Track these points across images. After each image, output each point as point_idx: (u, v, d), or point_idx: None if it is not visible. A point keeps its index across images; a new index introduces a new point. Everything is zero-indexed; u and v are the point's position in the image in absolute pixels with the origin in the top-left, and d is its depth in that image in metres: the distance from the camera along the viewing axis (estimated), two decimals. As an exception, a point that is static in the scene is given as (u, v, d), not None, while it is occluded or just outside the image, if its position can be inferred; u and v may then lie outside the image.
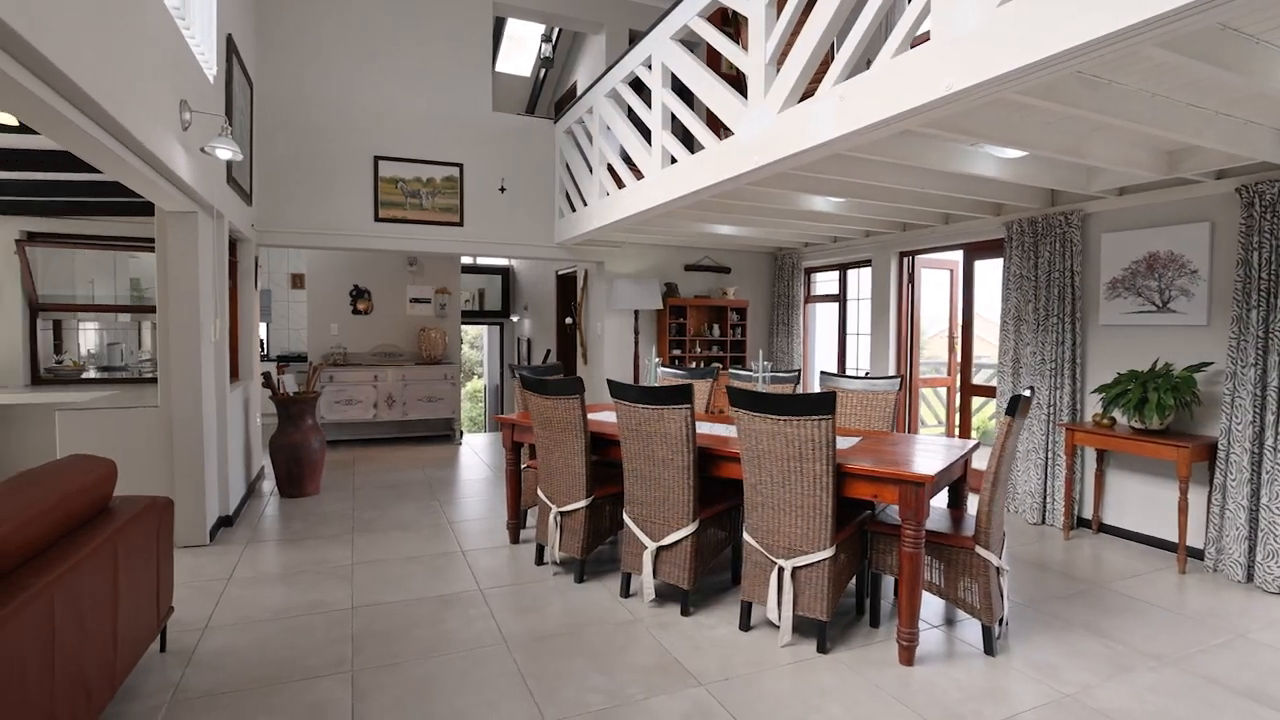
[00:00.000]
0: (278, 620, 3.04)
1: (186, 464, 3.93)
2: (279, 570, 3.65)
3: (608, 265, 6.89)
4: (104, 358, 6.53)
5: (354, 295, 7.56)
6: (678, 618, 3.07)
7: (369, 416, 7.19)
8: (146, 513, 2.42)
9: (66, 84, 2.03)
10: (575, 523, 3.48)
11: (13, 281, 5.27)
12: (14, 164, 3.81)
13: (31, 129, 2.92)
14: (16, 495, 1.88)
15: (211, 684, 2.50)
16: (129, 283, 6.61)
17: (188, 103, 3.43)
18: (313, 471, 5.14)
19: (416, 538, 4.21)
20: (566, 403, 3.40)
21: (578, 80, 8.39)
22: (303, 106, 5.81)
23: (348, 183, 5.99)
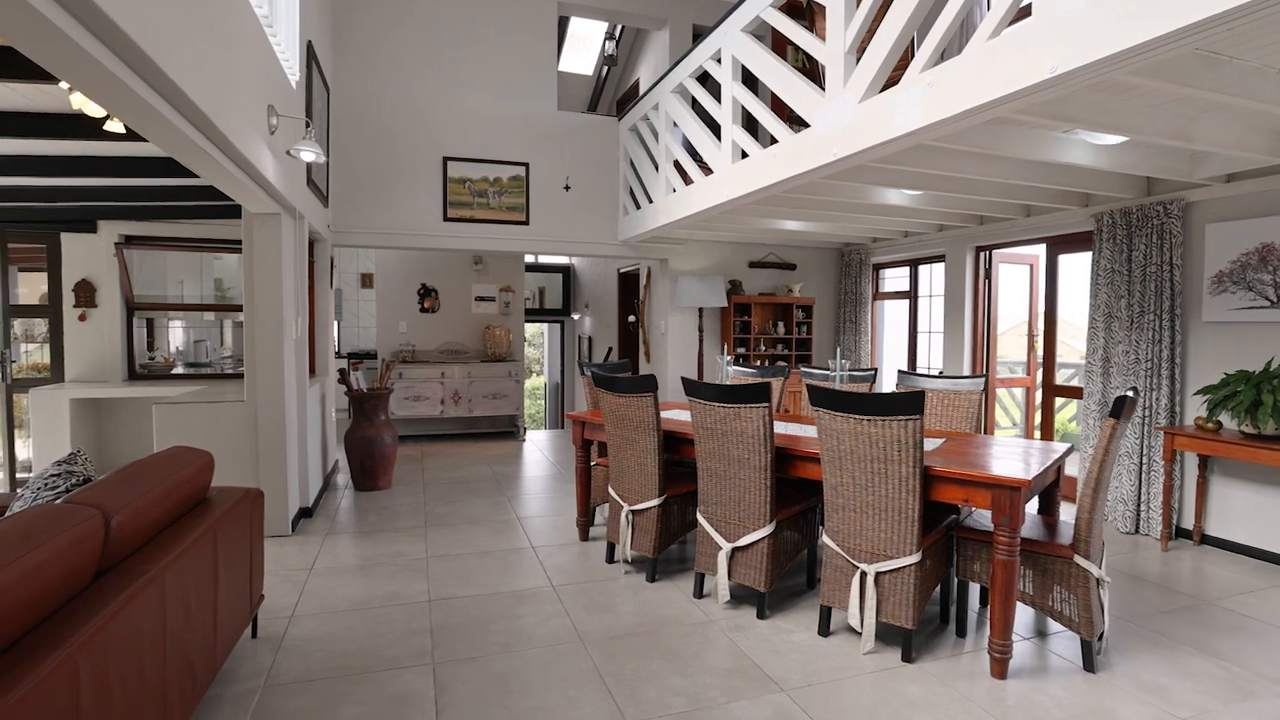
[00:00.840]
0: (359, 610, 3.11)
1: (271, 457, 4.08)
2: (357, 562, 3.75)
3: (671, 263, 6.85)
4: (190, 354, 6.88)
5: (422, 294, 7.74)
6: (754, 621, 3.01)
7: (436, 413, 7.35)
8: (242, 503, 2.51)
9: (173, 90, 2.11)
10: (647, 522, 3.46)
11: (112, 282, 5.59)
12: (119, 171, 4.02)
13: (139, 136, 3.08)
14: (130, 485, 1.96)
15: (301, 670, 2.57)
16: (213, 283, 6.92)
17: (274, 107, 3.55)
18: (385, 466, 5.28)
19: (487, 533, 4.26)
20: (639, 401, 3.38)
21: (640, 78, 8.38)
22: (376, 110, 5.97)
23: (418, 183, 6.13)
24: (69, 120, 3.16)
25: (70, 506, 1.68)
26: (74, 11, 1.59)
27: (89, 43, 1.70)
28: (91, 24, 1.66)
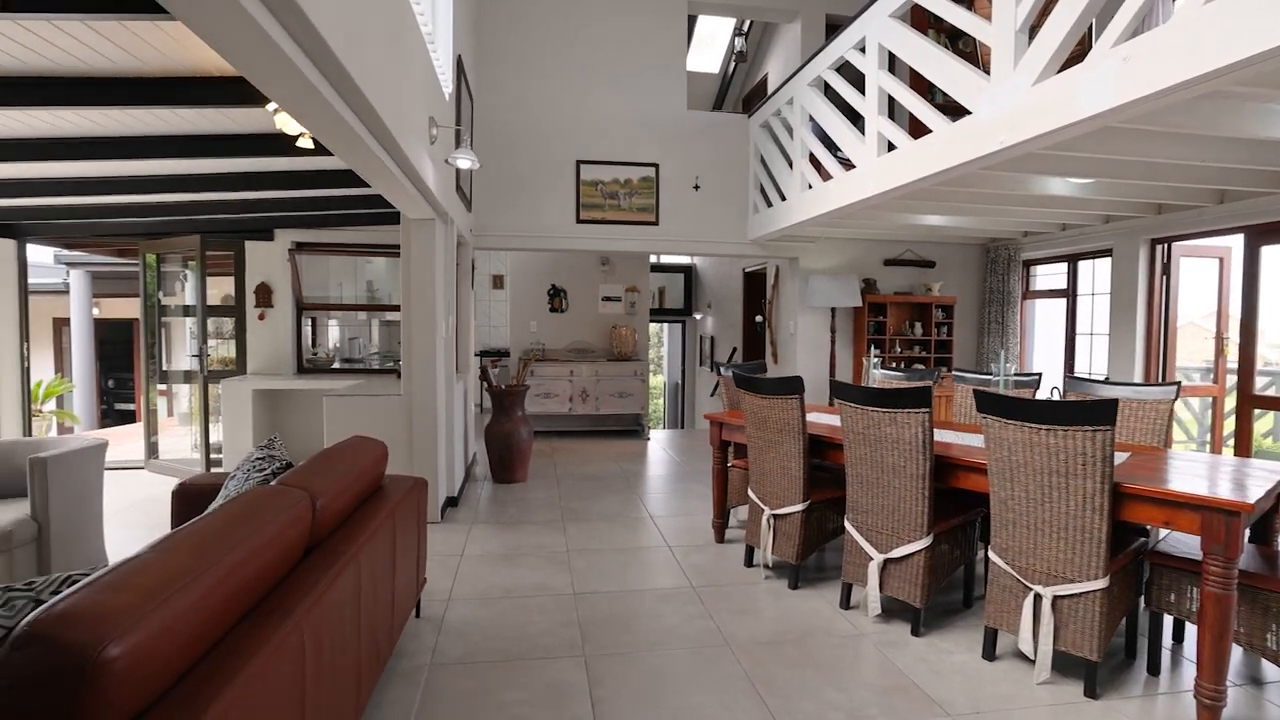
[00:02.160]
0: (509, 599, 3.24)
1: (424, 447, 4.34)
2: (503, 551, 3.91)
3: (802, 261, 6.68)
4: (345, 350, 7.48)
5: (551, 294, 8.00)
6: (908, 637, 2.85)
7: (565, 409, 7.57)
8: (412, 491, 2.68)
9: (368, 111, 2.28)
10: (790, 527, 3.37)
11: (285, 285, 6.17)
12: (296, 184, 4.42)
13: (324, 151, 3.37)
14: (325, 470, 2.14)
15: (462, 652, 2.71)
16: (366, 285, 7.49)
17: (434, 119, 3.77)
18: (522, 459, 5.49)
19: (623, 530, 4.33)
20: (784, 403, 3.30)
21: (769, 73, 8.22)
22: (512, 118, 6.22)
23: (552, 187, 6.33)
24: (269, 139, 3.50)
25: (284, 488, 1.84)
26: (302, 44, 1.74)
27: (310, 70, 1.87)
28: (314, 55, 1.82)
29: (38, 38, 2.34)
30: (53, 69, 2.62)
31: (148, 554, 1.31)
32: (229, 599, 1.38)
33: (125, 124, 3.30)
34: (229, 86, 2.76)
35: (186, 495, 2.77)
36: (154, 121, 3.31)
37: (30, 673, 1.02)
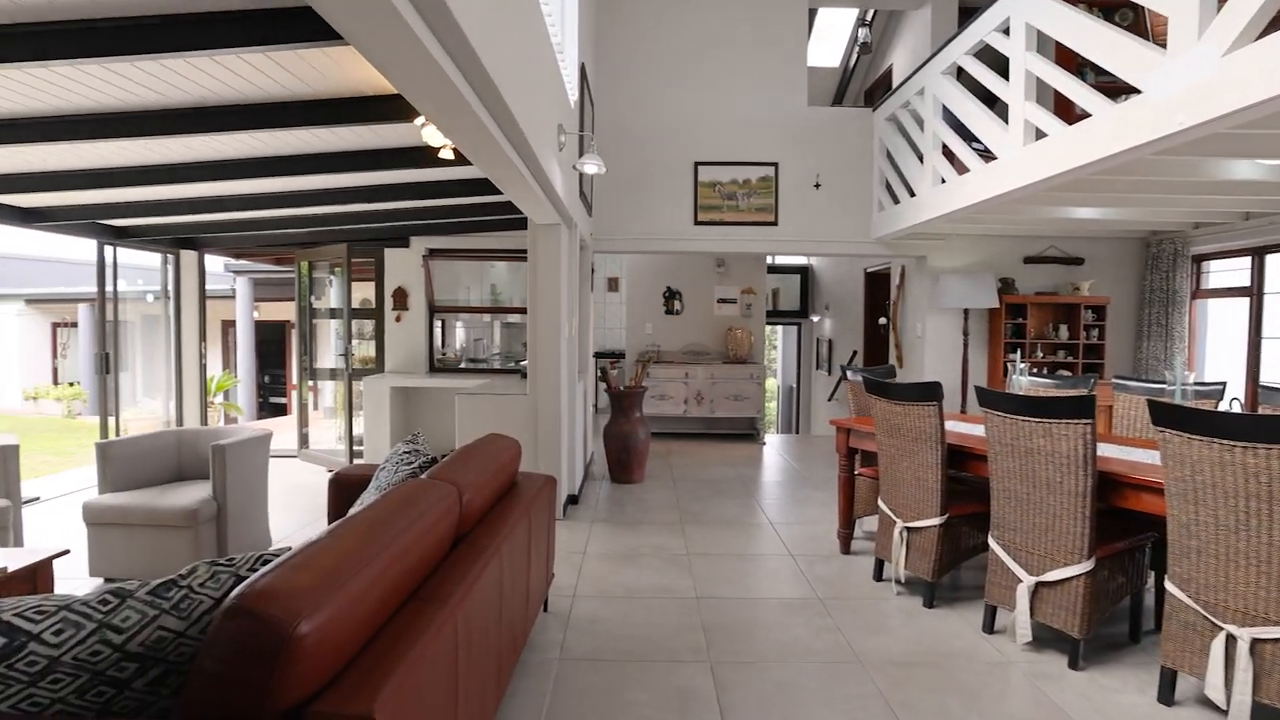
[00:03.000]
0: (632, 599, 3.27)
1: (548, 446, 4.47)
2: (624, 551, 3.95)
3: (931, 260, 6.32)
4: (470, 351, 7.86)
5: (667, 296, 8.03)
6: (1064, 670, 2.61)
7: (679, 412, 7.58)
8: (545, 488, 2.76)
9: (510, 121, 2.37)
10: (925, 541, 3.19)
11: (419, 289, 6.56)
12: (432, 194, 4.68)
13: (463, 162, 3.54)
14: (467, 466, 2.23)
15: (589, 648, 2.75)
16: (490, 288, 7.84)
17: (562, 126, 3.87)
18: (639, 460, 5.54)
19: (743, 536, 4.26)
20: (920, 409, 3.12)
21: (893, 64, 7.86)
22: (631, 122, 6.30)
23: (670, 190, 6.35)
24: (413, 153, 3.74)
25: (434, 482, 1.94)
26: (456, 59, 1.83)
27: (461, 83, 1.96)
28: (466, 68, 1.91)
29: (228, 70, 2.61)
30: (237, 97, 2.91)
31: (325, 539, 1.42)
32: (394, 585, 1.46)
33: (289, 144, 3.62)
34: (383, 104, 2.95)
35: (341, 484, 2.99)
36: (314, 140, 3.60)
37: (239, 641, 1.11)
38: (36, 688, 1.17)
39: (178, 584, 1.29)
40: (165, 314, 6.58)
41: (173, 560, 3.36)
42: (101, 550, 3.41)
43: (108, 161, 3.79)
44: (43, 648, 1.17)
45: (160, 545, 3.36)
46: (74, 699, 1.19)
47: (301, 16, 2.16)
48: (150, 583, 1.29)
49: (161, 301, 6.60)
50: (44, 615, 1.19)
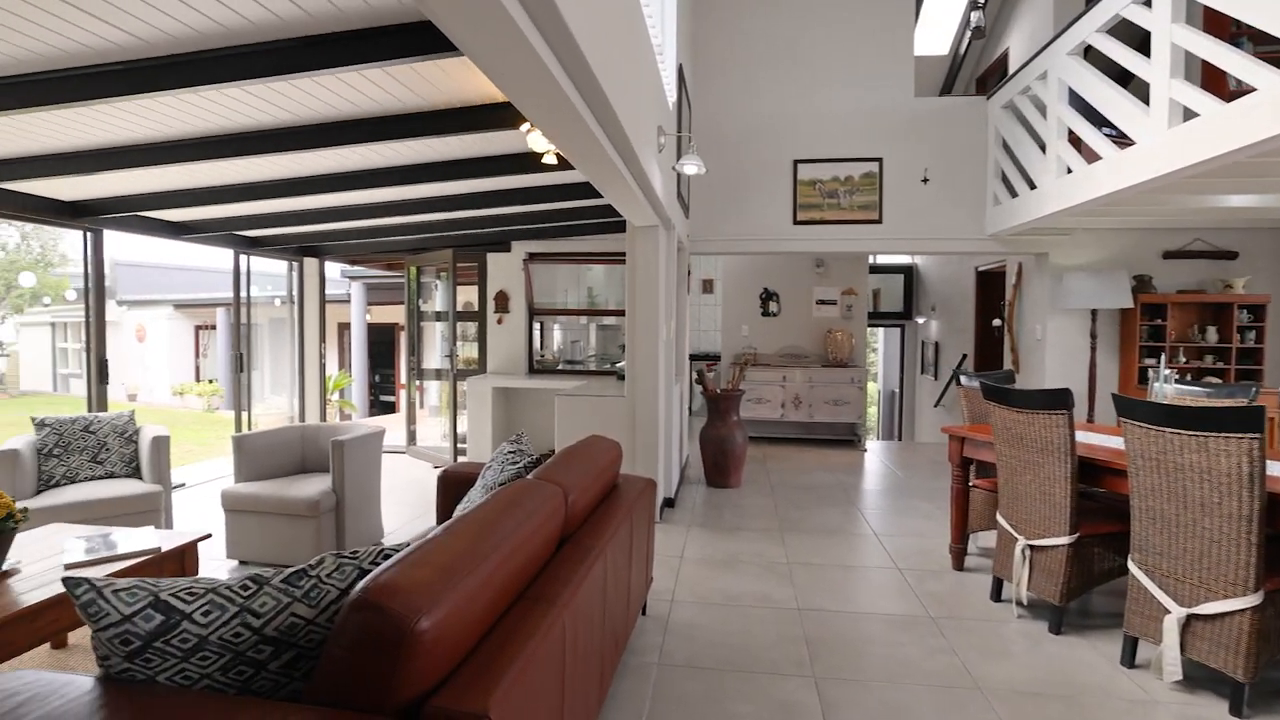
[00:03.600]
0: (731, 606, 3.20)
1: (646, 448, 4.47)
2: (722, 556, 3.89)
3: (1053, 256, 5.88)
4: (568, 352, 8.01)
5: (764, 297, 7.89)
6: (1224, 716, 2.33)
7: (776, 415, 7.42)
8: (645, 491, 2.74)
9: (615, 126, 2.38)
10: (1052, 562, 2.94)
11: (519, 292, 6.75)
12: (533, 199, 4.80)
13: (566, 166, 3.60)
14: (570, 467, 2.25)
15: (688, 654, 2.71)
16: (586, 291, 7.96)
17: (662, 128, 3.86)
18: (736, 465, 5.45)
19: (845, 546, 4.10)
20: (1047, 419, 2.88)
21: (1009, 47, 7.38)
22: (728, 122, 6.22)
23: (768, 189, 6.23)
24: (517, 159, 3.84)
25: (540, 483, 1.96)
26: (566, 65, 1.85)
27: (569, 88, 1.98)
28: (575, 74, 1.92)
29: (349, 87, 2.76)
30: (357, 112, 3.08)
31: (440, 536, 1.45)
32: (504, 584, 1.48)
33: (402, 154, 3.80)
34: (490, 112, 3.04)
35: (448, 481, 3.10)
36: (425, 150, 3.77)
37: (364, 633, 1.15)
38: (188, 663, 1.26)
39: (308, 573, 1.35)
40: (290, 317, 7.09)
41: (297, 547, 3.60)
42: (237, 534, 3.70)
43: (243, 177, 4.12)
44: (194, 627, 1.26)
45: (287, 532, 3.61)
46: (219, 675, 1.28)
47: (416, 31, 2.24)
48: (284, 571, 1.36)
49: (286, 305, 7.12)
50: (195, 597, 1.28)
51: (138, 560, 2.46)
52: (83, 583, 1.25)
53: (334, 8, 2.13)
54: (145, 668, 1.25)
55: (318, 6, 2.11)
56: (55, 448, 3.76)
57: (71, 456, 3.79)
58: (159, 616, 1.25)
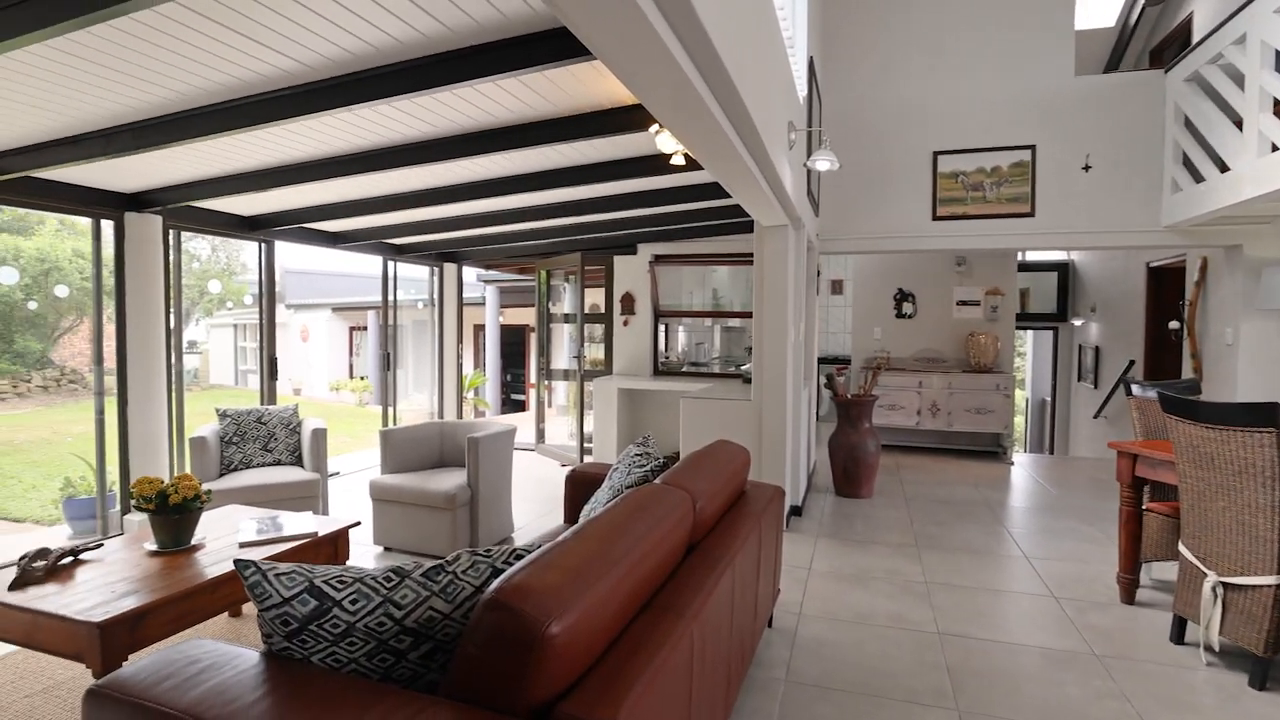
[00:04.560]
0: (864, 625, 3.02)
1: (772, 454, 4.34)
2: (852, 571, 3.69)
3: (1249, 249, 5.11)
4: (692, 354, 7.97)
5: (898, 298, 7.46)
6: None
7: (911, 423, 6.99)
8: (774, 500, 2.64)
9: (743, 119, 2.30)
10: (1252, 604, 2.53)
11: (645, 294, 6.79)
12: (659, 201, 4.80)
13: (694, 166, 3.57)
14: (698, 473, 2.20)
15: (818, 674, 2.58)
16: (711, 292, 7.88)
17: (792, 123, 3.73)
18: (868, 474, 5.18)
19: (992, 568, 3.76)
20: (1247, 437, 2.48)
21: (1193, 11, 6.51)
22: (861, 115, 5.93)
23: (904, 184, 5.88)
24: (645, 161, 3.86)
25: (668, 488, 1.92)
26: (698, 63, 1.80)
27: (701, 86, 1.93)
28: (707, 71, 1.88)
29: (485, 97, 2.88)
30: (493, 122, 3.21)
31: (570, 539, 1.45)
32: (632, 590, 1.45)
33: (535, 161, 3.92)
34: (620, 116, 3.06)
35: (576, 481, 3.15)
36: (556, 156, 3.86)
37: (497, 633, 1.16)
38: (338, 647, 1.33)
39: (444, 569, 1.39)
40: (430, 319, 7.56)
41: (435, 537, 3.81)
42: (382, 522, 3.97)
43: (391, 189, 4.42)
44: (343, 614, 1.33)
45: (426, 522, 3.82)
46: (364, 661, 1.34)
47: (549, 39, 2.28)
48: (423, 565, 1.41)
49: (428, 308, 7.61)
50: (344, 585, 1.35)
51: (298, 543, 2.68)
52: (251, 565, 1.35)
53: (473, 21, 2.21)
54: (301, 648, 1.33)
55: (458, 21, 2.20)
56: (234, 436, 4.21)
57: (247, 444, 4.23)
58: (314, 601, 1.32)
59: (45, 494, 6.36)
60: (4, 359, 12.93)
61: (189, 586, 2.23)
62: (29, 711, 2.36)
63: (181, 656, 1.36)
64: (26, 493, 6.62)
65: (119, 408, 4.26)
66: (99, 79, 2.52)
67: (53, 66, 2.41)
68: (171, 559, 2.47)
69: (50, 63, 2.38)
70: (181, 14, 2.07)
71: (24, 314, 13.08)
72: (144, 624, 2.11)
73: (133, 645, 2.10)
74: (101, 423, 4.33)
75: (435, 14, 2.14)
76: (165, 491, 2.50)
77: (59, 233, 13.24)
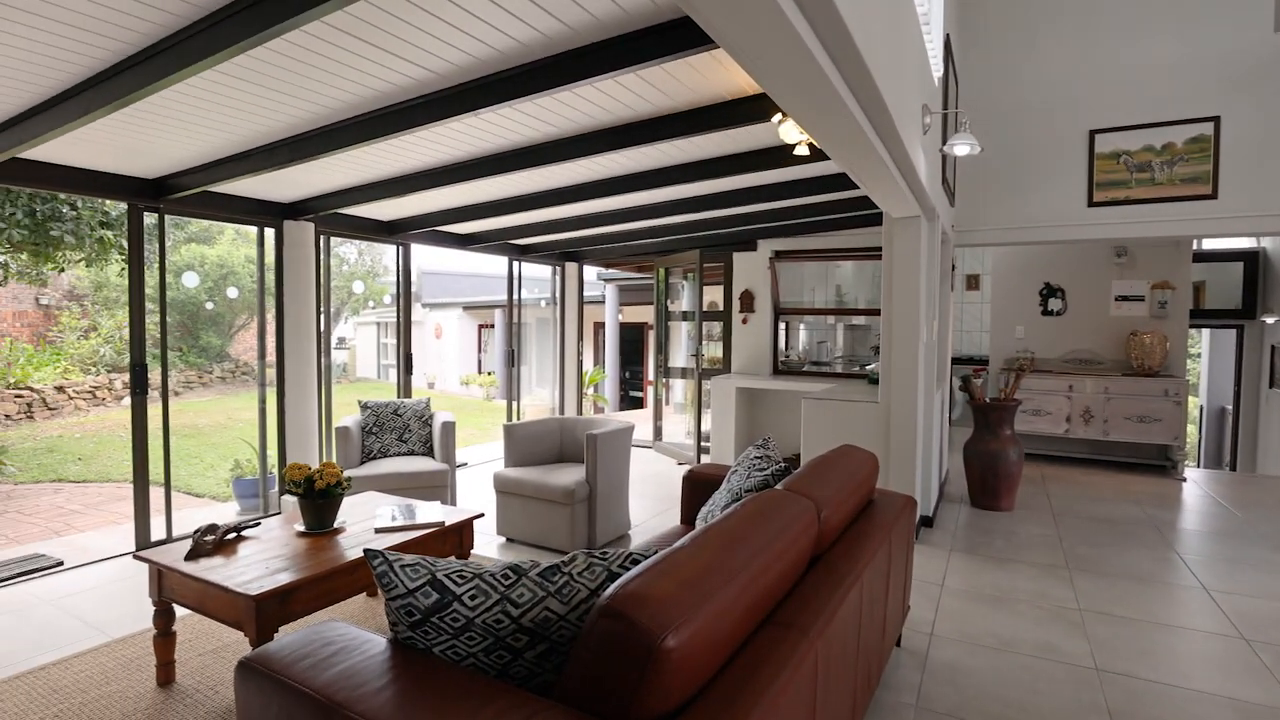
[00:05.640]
0: (1005, 652, 2.75)
1: (900, 460, 4.07)
2: (992, 591, 3.38)
3: None
4: (813, 353, 7.69)
5: (1044, 294, 6.81)
6: None
7: (1059, 431, 6.35)
8: (905, 510, 2.46)
9: (876, 104, 2.15)
10: None
11: (765, 291, 6.62)
12: (780, 195, 4.63)
13: (819, 157, 3.41)
14: (822, 480, 2.07)
15: (954, 703, 2.37)
16: (834, 289, 7.56)
17: (927, 106, 3.47)
18: (1008, 485, 4.75)
19: (1162, 599, 3.32)
20: None
21: None
22: (1004, 94, 5.44)
23: (1054, 167, 5.34)
24: (766, 154, 3.73)
25: (792, 495, 1.82)
26: (828, 46, 1.69)
27: (831, 71, 1.81)
28: (838, 55, 1.75)
29: (605, 95, 2.87)
30: (612, 120, 3.21)
31: (687, 547, 1.39)
32: (752, 604, 1.37)
33: (652, 158, 3.90)
34: (740, 107, 2.96)
35: (693, 481, 3.09)
36: (674, 153, 3.82)
37: (612, 641, 1.13)
38: (458, 640, 1.35)
39: (561, 569, 1.38)
40: (552, 317, 7.78)
41: (555, 532, 3.88)
42: (505, 514, 4.10)
43: (514, 190, 4.56)
44: (463, 608, 1.34)
45: (545, 516, 3.91)
46: (482, 656, 1.35)
47: (667, 31, 2.23)
48: (540, 563, 1.40)
49: (550, 307, 7.82)
50: (464, 580, 1.37)
51: (427, 531, 2.81)
52: (379, 555, 1.40)
53: (593, 19, 2.20)
54: (424, 639, 1.37)
55: (579, 19, 2.20)
56: (374, 426, 4.51)
57: (384, 434, 4.52)
58: (435, 595, 1.35)
59: (220, 473, 7.15)
60: (191, 353, 14.71)
61: (330, 568, 2.39)
62: (201, 669, 2.63)
63: (318, 638, 1.43)
64: (206, 471, 7.48)
65: (277, 398, 4.69)
66: (259, 99, 2.76)
67: (222, 90, 2.66)
68: (316, 540, 2.66)
69: (220, 86, 2.62)
70: (327, 32, 2.21)
71: (206, 314, 14.83)
72: (292, 599, 2.28)
73: (283, 618, 2.27)
74: (263, 411, 4.78)
75: (557, 14, 2.15)
76: (311, 477, 2.69)
77: (235, 241, 14.89)
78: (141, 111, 2.86)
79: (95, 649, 2.79)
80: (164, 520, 4.13)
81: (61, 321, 11.82)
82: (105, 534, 4.62)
